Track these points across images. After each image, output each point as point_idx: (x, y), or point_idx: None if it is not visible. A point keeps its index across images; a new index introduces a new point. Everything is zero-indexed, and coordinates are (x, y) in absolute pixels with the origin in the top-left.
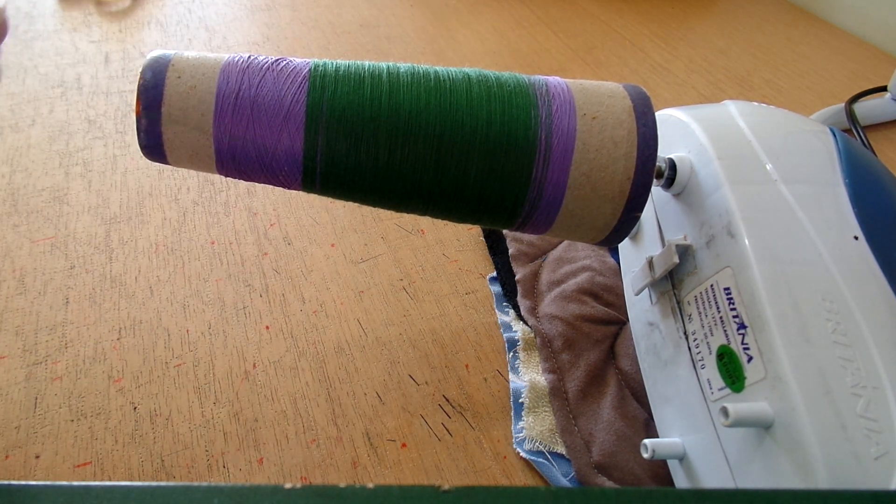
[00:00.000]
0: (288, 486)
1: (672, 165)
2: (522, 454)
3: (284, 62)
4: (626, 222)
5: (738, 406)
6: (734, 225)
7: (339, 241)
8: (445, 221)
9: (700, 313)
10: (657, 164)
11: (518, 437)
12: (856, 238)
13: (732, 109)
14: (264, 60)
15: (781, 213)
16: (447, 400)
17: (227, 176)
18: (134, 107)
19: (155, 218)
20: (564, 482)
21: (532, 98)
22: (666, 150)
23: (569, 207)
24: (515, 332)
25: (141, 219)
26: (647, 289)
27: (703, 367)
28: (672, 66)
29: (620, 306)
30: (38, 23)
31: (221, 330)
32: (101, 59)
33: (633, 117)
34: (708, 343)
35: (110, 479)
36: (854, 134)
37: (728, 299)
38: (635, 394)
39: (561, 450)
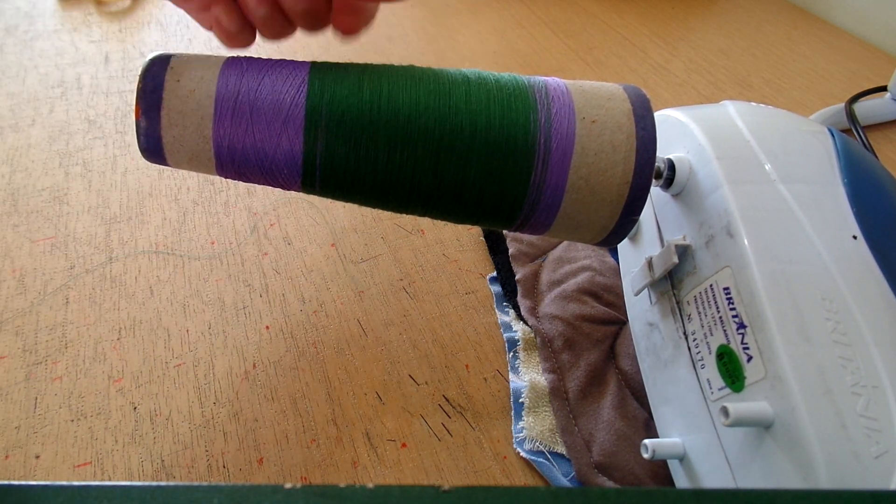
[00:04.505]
0: (288, 486)
1: (671, 166)
2: (522, 454)
3: (283, 64)
4: (624, 225)
5: (738, 406)
6: (733, 225)
7: (339, 241)
8: (445, 222)
9: (699, 313)
10: (656, 164)
11: (518, 437)
12: (854, 237)
13: (731, 110)
14: (263, 62)
15: (780, 212)
16: (447, 400)
17: (226, 177)
18: (133, 108)
19: (155, 218)
20: (565, 482)
21: (531, 101)
22: (665, 150)
23: (567, 210)
24: (515, 331)
25: (141, 219)
26: (646, 289)
27: (702, 366)
28: (672, 66)
29: (620, 306)
30: (38, 23)
31: (221, 330)
32: (101, 59)
33: (633, 121)
34: (707, 343)
35: (110, 479)
36: (854, 134)
37: (727, 299)
38: (635, 394)
39: (561, 450)
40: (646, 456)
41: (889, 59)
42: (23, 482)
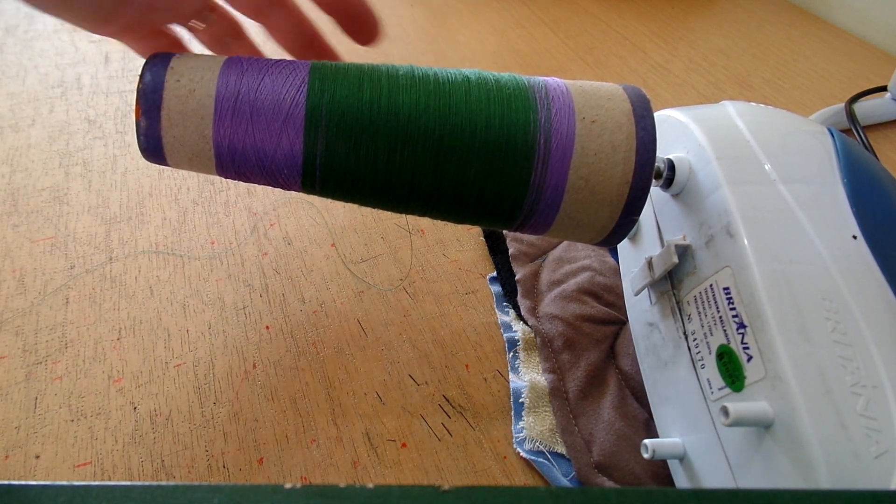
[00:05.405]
0: (288, 486)
1: (671, 166)
2: (522, 454)
3: (283, 64)
4: (624, 225)
5: (739, 405)
6: (733, 225)
7: (338, 241)
8: (445, 222)
9: (699, 313)
10: (656, 164)
11: (518, 437)
12: (854, 237)
13: (731, 110)
14: (263, 62)
15: (780, 212)
16: (447, 400)
17: (227, 178)
18: (133, 108)
19: (155, 218)
20: (565, 482)
21: (531, 101)
22: (664, 150)
23: (567, 210)
24: (515, 331)
25: (141, 219)
26: (646, 289)
27: (702, 366)
28: (672, 66)
29: (620, 306)
30: (38, 23)
31: (221, 330)
32: (101, 59)
33: (633, 121)
34: (707, 343)
35: (110, 479)
36: (854, 134)
37: (727, 299)
38: (635, 394)
39: (561, 450)
40: (646, 456)
41: (889, 59)
42: (23, 482)
